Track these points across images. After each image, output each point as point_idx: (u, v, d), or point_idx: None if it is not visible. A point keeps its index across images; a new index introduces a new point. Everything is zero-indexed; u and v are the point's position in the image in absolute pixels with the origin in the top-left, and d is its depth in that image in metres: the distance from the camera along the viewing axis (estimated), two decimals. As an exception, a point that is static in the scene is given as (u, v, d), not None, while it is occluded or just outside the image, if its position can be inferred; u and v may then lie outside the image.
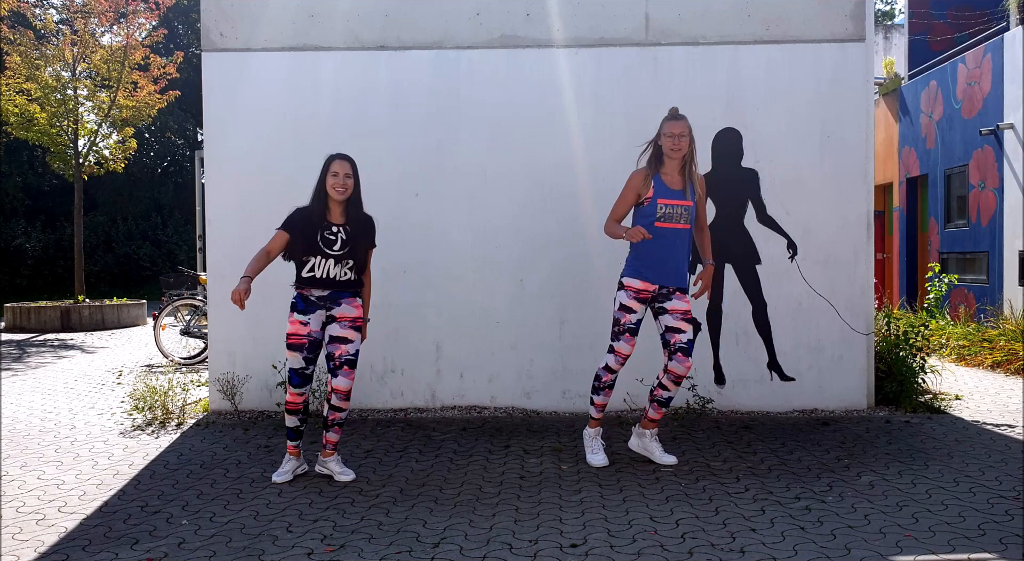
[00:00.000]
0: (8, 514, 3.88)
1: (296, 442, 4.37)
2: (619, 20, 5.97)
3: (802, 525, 3.60)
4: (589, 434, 4.71)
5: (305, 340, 4.21)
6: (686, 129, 4.44)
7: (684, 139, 4.43)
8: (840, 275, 5.98)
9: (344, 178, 4.21)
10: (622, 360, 4.53)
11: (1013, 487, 4.10)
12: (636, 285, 4.47)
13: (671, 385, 4.49)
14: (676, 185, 4.48)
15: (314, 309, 4.24)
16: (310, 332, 4.22)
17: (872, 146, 6.00)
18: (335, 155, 4.29)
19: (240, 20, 6.02)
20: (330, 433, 4.35)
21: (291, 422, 4.31)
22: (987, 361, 8.00)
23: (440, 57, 6.01)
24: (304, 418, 4.34)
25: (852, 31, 5.93)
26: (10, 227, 22.15)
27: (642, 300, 4.48)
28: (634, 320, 4.49)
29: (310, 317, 4.22)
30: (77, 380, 7.88)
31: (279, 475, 4.34)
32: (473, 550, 3.36)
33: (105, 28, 14.18)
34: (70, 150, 13.89)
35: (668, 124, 4.47)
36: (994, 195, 10.23)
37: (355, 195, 4.29)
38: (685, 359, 4.43)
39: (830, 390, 5.99)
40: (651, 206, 4.45)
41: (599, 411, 4.66)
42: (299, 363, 4.23)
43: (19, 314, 13.37)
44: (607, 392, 4.62)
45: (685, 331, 4.45)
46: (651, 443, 4.66)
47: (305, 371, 4.25)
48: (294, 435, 4.35)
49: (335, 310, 4.25)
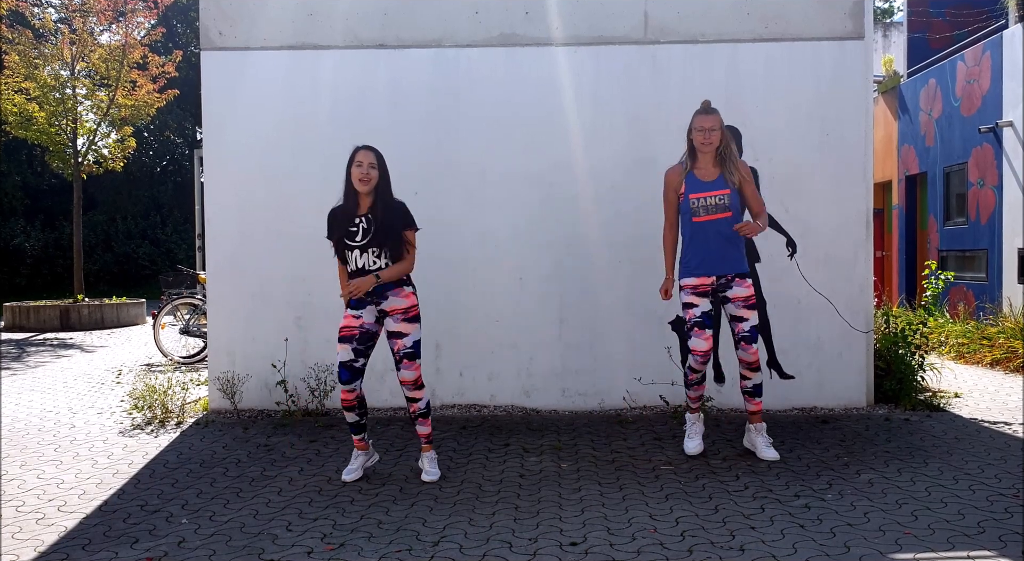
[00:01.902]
0: (8, 513, 3.88)
1: (360, 435, 4.33)
2: (618, 18, 5.97)
3: (801, 523, 3.60)
4: (690, 418, 4.81)
5: (356, 331, 4.18)
6: (717, 123, 4.49)
7: (715, 133, 4.48)
8: (839, 273, 5.98)
9: (368, 168, 4.17)
10: (700, 358, 4.54)
11: (1012, 485, 4.10)
12: (691, 282, 4.54)
13: (748, 373, 4.60)
14: (709, 177, 4.52)
15: (365, 304, 4.23)
16: (362, 324, 4.20)
17: (871, 144, 6.00)
18: (360, 146, 4.24)
19: (239, 19, 6.01)
20: (417, 426, 4.35)
21: (350, 418, 4.28)
22: (986, 359, 8.00)
23: (439, 56, 6.00)
24: (363, 412, 4.29)
25: (851, 29, 5.93)
26: (9, 226, 22.13)
27: (702, 294, 4.53)
28: (698, 314, 4.52)
29: (362, 311, 4.22)
30: (76, 379, 7.88)
31: (348, 473, 4.32)
32: (473, 548, 3.36)
33: (104, 27, 14.18)
34: (69, 149, 13.88)
35: (698, 118, 4.52)
36: (993, 193, 10.23)
37: (382, 185, 4.23)
38: (748, 347, 4.51)
39: (829, 388, 5.99)
40: (685, 203, 4.54)
41: (694, 402, 4.78)
42: (348, 355, 4.17)
43: (18, 313, 13.36)
44: (695, 388, 4.73)
45: (747, 319, 4.51)
46: (756, 437, 4.72)
47: (355, 364, 4.18)
48: (355, 429, 4.31)
49: (384, 304, 4.22)
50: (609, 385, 6.01)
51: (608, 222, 5.96)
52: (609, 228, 5.96)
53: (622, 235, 5.93)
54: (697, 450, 4.69)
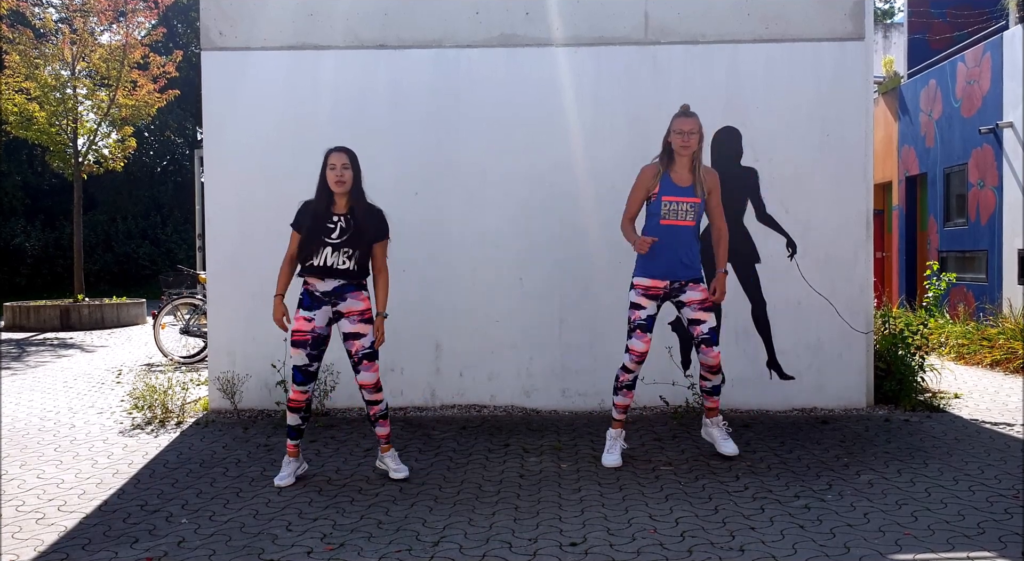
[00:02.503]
0: (8, 513, 3.88)
1: (296, 441, 4.34)
2: (618, 19, 5.97)
3: (801, 523, 3.60)
4: (611, 434, 4.68)
5: (309, 337, 4.19)
6: (696, 126, 4.42)
7: (694, 136, 4.41)
8: (839, 274, 5.98)
9: (341, 169, 4.18)
10: (636, 358, 4.51)
11: (1012, 485, 4.10)
12: (644, 283, 4.50)
13: (709, 375, 4.57)
14: (684, 182, 4.49)
15: (319, 305, 4.22)
16: (314, 328, 4.20)
17: (871, 145, 6.00)
18: (332, 148, 4.27)
19: (239, 19, 6.01)
20: (377, 428, 4.34)
21: (292, 420, 4.29)
22: (986, 359, 8.00)
23: (440, 56, 6.01)
24: (306, 416, 4.32)
25: (851, 30, 5.93)
26: (9, 226, 22.13)
27: (652, 297, 4.50)
28: (644, 316, 4.49)
29: (315, 313, 4.21)
30: (77, 379, 7.88)
31: (280, 479, 4.29)
32: (472, 549, 3.36)
33: (104, 27, 14.19)
34: (69, 149, 13.89)
35: (678, 121, 4.45)
36: (993, 194, 10.23)
37: (355, 186, 4.25)
38: (709, 350, 4.47)
39: (829, 389, 5.99)
40: (656, 204, 4.50)
41: (620, 412, 4.65)
42: (303, 360, 4.19)
43: (19, 313, 13.36)
44: (625, 392, 4.60)
45: (705, 321, 4.47)
46: (713, 430, 4.70)
47: (309, 369, 4.22)
48: (295, 433, 4.31)
49: (340, 305, 4.21)
50: (609, 385, 5.96)
51: (608, 222, 5.94)
52: (609, 228, 5.94)
53: (622, 235, 5.91)
54: (616, 463, 4.52)
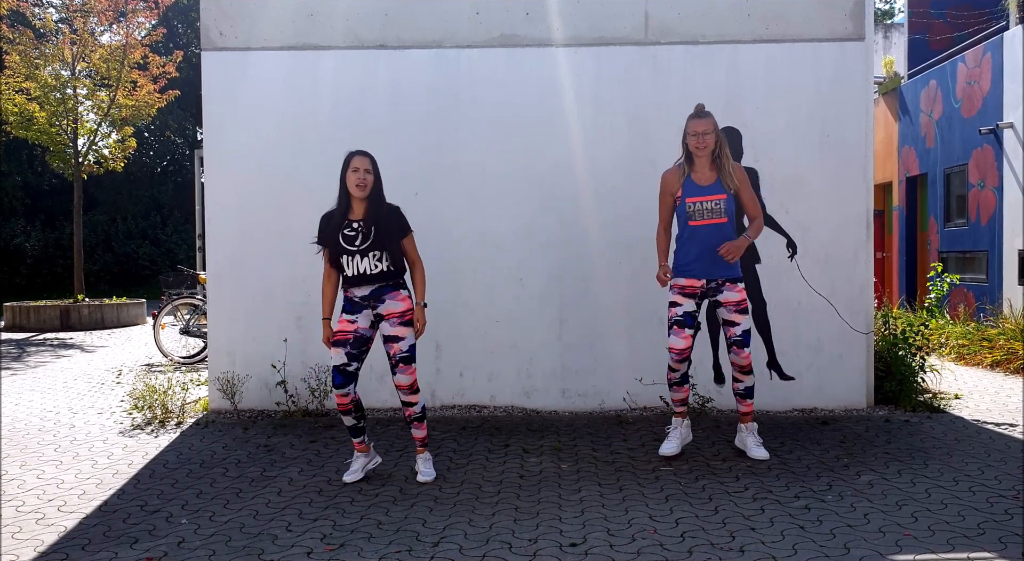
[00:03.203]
0: (8, 513, 3.88)
1: (359, 438, 4.33)
2: (619, 19, 5.97)
3: (801, 524, 3.60)
4: (673, 423, 4.78)
5: (350, 336, 4.17)
6: (710, 126, 4.45)
7: (709, 136, 4.45)
8: (839, 274, 5.98)
9: (364, 174, 4.17)
10: (675, 355, 4.52)
11: (1012, 486, 4.10)
12: (681, 282, 4.53)
13: (741, 376, 4.62)
14: (705, 181, 4.50)
15: (360, 309, 4.22)
16: (357, 329, 4.19)
17: (872, 145, 6.00)
18: (354, 151, 4.24)
19: (240, 19, 6.01)
20: (412, 430, 4.36)
21: (347, 421, 4.26)
22: (987, 360, 8.00)
23: (440, 56, 6.01)
24: (359, 415, 4.27)
25: (852, 30, 5.93)
26: (9, 226, 22.13)
27: (689, 295, 4.52)
28: (680, 313, 4.51)
29: (357, 316, 4.21)
30: (76, 379, 7.88)
31: (349, 475, 4.31)
32: (472, 549, 3.36)
33: (104, 27, 14.18)
34: (69, 149, 13.89)
35: (691, 122, 4.49)
36: (993, 194, 10.23)
37: (376, 190, 4.24)
38: (740, 351, 4.52)
39: (830, 389, 5.99)
40: (681, 207, 4.53)
41: (678, 405, 4.74)
42: (341, 359, 4.16)
43: (18, 313, 13.36)
44: (676, 389, 4.67)
45: (739, 323, 4.51)
46: (747, 437, 4.73)
47: (348, 368, 4.17)
48: (354, 432, 4.30)
49: (380, 308, 4.20)
50: (609, 386, 6.01)
51: (608, 222, 5.96)
52: (609, 228, 5.96)
53: (622, 235, 5.93)
54: (671, 451, 4.64)
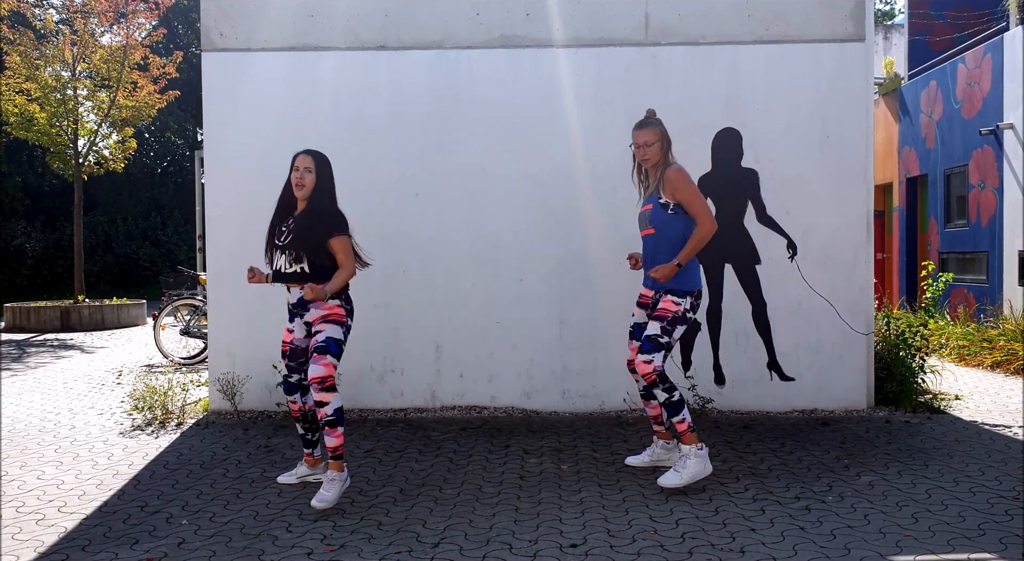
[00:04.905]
0: (8, 514, 3.88)
1: (308, 450, 4.27)
2: (619, 19, 5.97)
3: (802, 525, 3.60)
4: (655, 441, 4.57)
5: (287, 347, 4.15)
6: (652, 136, 4.14)
7: (652, 147, 4.14)
8: (840, 275, 5.98)
9: (304, 172, 4.06)
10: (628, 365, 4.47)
11: (1013, 487, 4.10)
12: (641, 291, 4.47)
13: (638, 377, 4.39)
14: (648, 191, 4.33)
15: (293, 317, 4.16)
16: (293, 339, 4.14)
17: (872, 146, 6.00)
18: (301, 151, 4.15)
19: (240, 20, 6.02)
20: (324, 437, 3.99)
21: (298, 429, 4.25)
22: (987, 361, 8.00)
23: (440, 57, 6.01)
24: (311, 428, 4.22)
25: (852, 31, 5.93)
26: (10, 227, 22.13)
27: (642, 305, 4.44)
28: (631, 323, 4.47)
29: (293, 325, 4.16)
30: (77, 380, 7.88)
31: (285, 476, 4.32)
32: (473, 550, 3.36)
33: (105, 28, 14.19)
34: (70, 150, 13.88)
35: (633, 133, 4.23)
36: (994, 195, 10.23)
37: (317, 190, 4.08)
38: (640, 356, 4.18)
39: (830, 390, 5.99)
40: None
41: (653, 423, 4.49)
42: (284, 370, 4.18)
43: (19, 314, 13.36)
44: (644, 403, 4.42)
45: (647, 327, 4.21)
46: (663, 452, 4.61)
47: (290, 378, 4.16)
48: (304, 443, 4.27)
49: (307, 315, 4.06)
50: (609, 387, 6.01)
51: (609, 223, 5.95)
52: (610, 229, 5.95)
53: (623, 236, 5.91)
54: (634, 462, 4.49)
